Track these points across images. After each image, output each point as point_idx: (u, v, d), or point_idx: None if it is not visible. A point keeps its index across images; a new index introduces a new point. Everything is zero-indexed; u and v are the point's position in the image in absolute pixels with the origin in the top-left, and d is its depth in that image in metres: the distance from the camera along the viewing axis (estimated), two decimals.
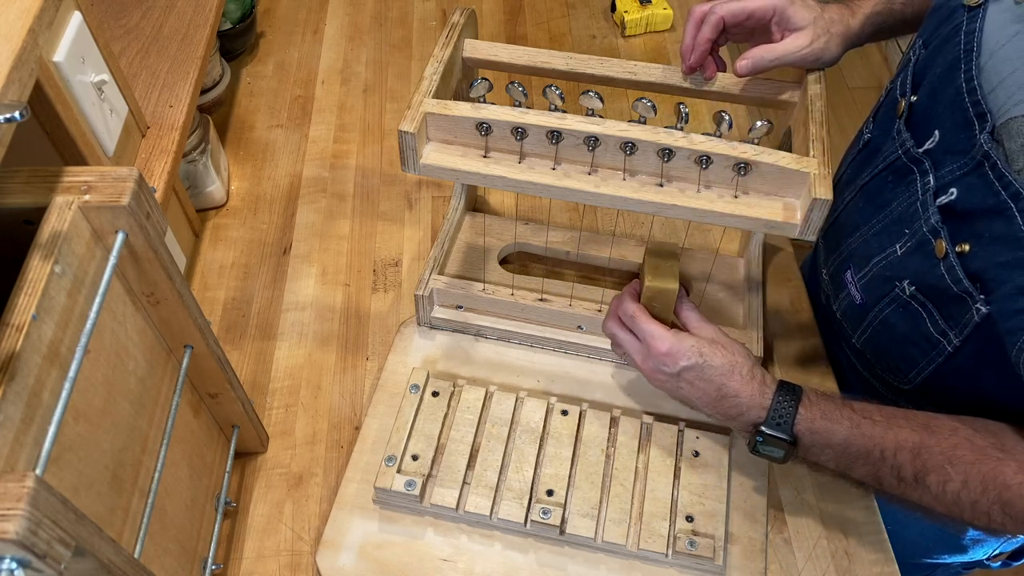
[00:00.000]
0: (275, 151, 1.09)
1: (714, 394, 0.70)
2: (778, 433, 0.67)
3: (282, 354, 0.90)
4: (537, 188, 0.70)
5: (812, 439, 0.68)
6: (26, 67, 0.54)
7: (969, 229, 0.64)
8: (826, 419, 0.67)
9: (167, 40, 0.94)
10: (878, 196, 0.76)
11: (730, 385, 0.70)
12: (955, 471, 0.63)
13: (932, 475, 0.64)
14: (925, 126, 0.70)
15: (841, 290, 0.83)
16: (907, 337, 0.74)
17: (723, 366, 0.70)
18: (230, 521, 0.79)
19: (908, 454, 0.65)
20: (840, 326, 0.84)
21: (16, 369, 0.44)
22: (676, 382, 0.72)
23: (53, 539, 0.38)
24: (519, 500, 0.75)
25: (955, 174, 0.65)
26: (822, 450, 0.68)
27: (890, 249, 0.74)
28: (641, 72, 0.78)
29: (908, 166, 0.72)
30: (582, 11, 1.28)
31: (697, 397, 0.72)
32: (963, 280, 0.64)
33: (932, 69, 0.69)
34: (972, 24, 0.65)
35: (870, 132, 0.81)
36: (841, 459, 0.68)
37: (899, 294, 0.73)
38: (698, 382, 0.71)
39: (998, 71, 0.62)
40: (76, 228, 0.50)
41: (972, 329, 0.66)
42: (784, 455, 0.69)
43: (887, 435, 0.66)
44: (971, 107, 0.63)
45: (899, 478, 0.66)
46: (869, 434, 0.66)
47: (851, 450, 0.67)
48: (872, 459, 0.66)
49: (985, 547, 0.89)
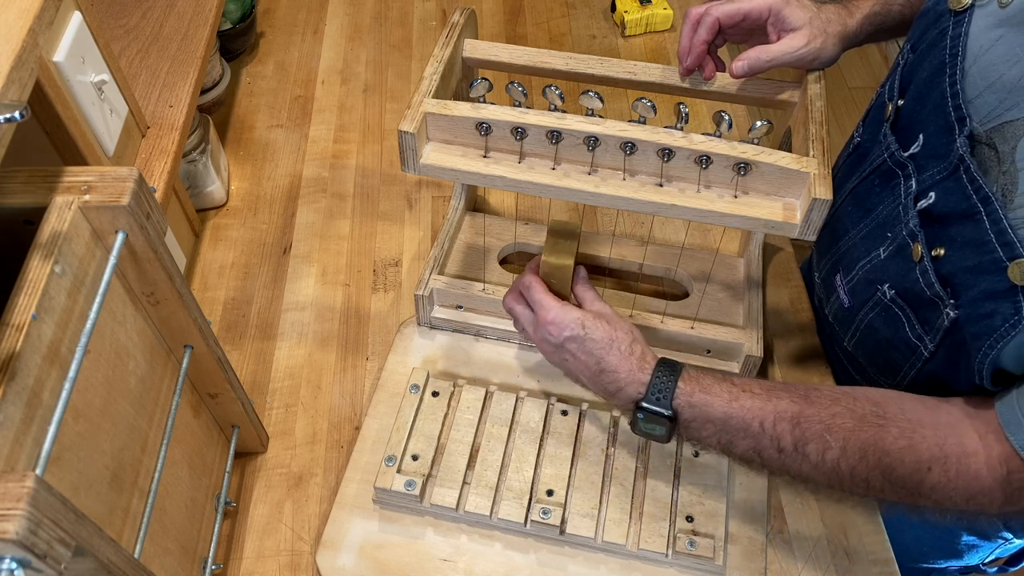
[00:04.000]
0: (275, 151, 1.09)
1: (594, 367, 0.70)
2: (657, 408, 0.67)
3: (282, 354, 0.90)
4: (537, 188, 0.70)
5: (692, 413, 0.67)
6: (26, 67, 0.54)
7: (945, 233, 0.64)
8: (705, 392, 0.67)
9: (167, 40, 0.94)
10: (866, 200, 0.76)
11: (608, 360, 0.70)
12: (834, 439, 0.63)
13: (811, 444, 0.64)
14: (911, 130, 0.70)
15: (831, 293, 0.83)
16: (889, 342, 0.74)
17: (603, 339, 0.70)
18: (230, 521, 0.79)
19: (787, 424, 0.65)
20: (832, 329, 0.84)
21: (16, 369, 0.44)
22: (561, 353, 0.73)
23: (53, 539, 0.38)
24: (519, 500, 0.76)
25: (935, 178, 0.65)
26: (702, 425, 0.67)
27: (874, 253, 0.74)
28: (641, 72, 0.78)
29: (893, 170, 0.72)
30: (582, 11, 1.28)
31: (580, 370, 0.72)
32: (935, 284, 0.64)
33: (919, 73, 0.70)
34: (958, 29, 0.65)
35: (860, 136, 0.81)
36: (722, 434, 0.67)
37: (880, 298, 0.73)
38: (580, 354, 0.71)
39: (984, 75, 0.62)
40: (76, 228, 0.50)
41: (943, 334, 0.66)
42: (665, 432, 0.68)
43: (766, 406, 0.65)
44: (952, 111, 0.64)
45: (779, 449, 0.65)
46: (749, 406, 0.66)
47: (731, 423, 0.66)
48: (752, 432, 0.66)
49: (980, 552, 0.89)
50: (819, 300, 0.88)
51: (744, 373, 0.83)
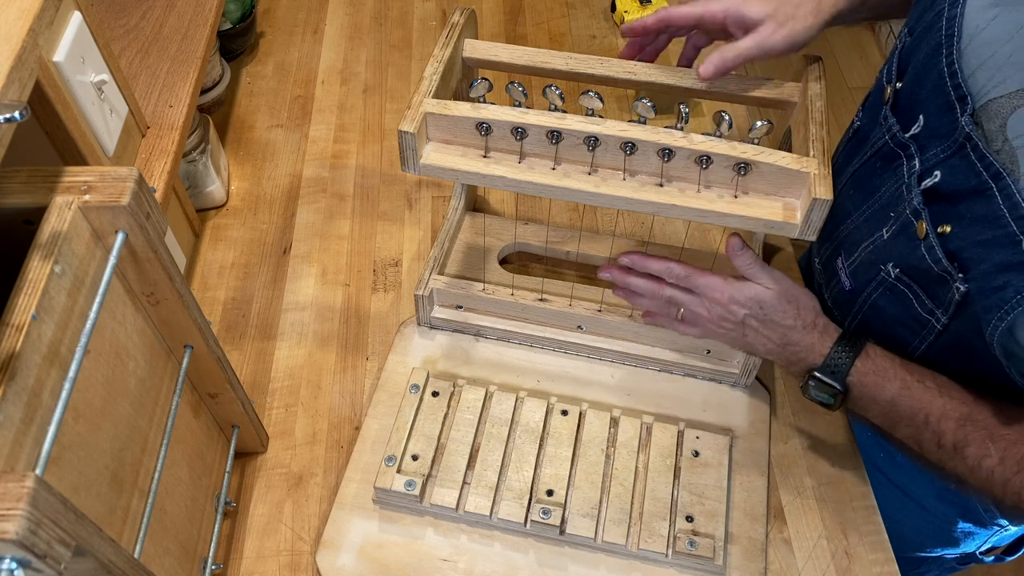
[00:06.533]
0: (275, 151, 1.09)
1: (778, 340, 0.73)
2: (830, 380, 0.70)
3: (282, 354, 0.90)
4: (537, 188, 0.70)
5: (861, 391, 0.70)
6: (26, 67, 0.54)
7: (952, 211, 0.64)
8: (878, 375, 0.70)
9: (167, 40, 0.94)
10: (867, 183, 0.76)
11: (792, 335, 0.72)
12: (995, 447, 0.64)
13: (972, 447, 0.65)
14: (910, 111, 0.70)
15: (832, 278, 0.84)
16: (897, 319, 0.74)
17: (787, 313, 0.72)
18: (230, 521, 0.79)
19: (952, 423, 0.66)
20: (832, 315, 0.85)
21: (16, 369, 0.44)
22: (741, 330, 0.74)
23: (53, 539, 0.38)
24: (519, 500, 0.76)
25: (939, 157, 0.66)
26: (869, 405, 0.71)
27: (877, 234, 0.74)
28: (641, 72, 0.78)
29: (895, 151, 0.72)
30: (582, 11, 1.28)
31: (761, 343, 0.75)
32: (942, 259, 0.65)
33: (916, 55, 0.70)
34: (953, 10, 0.65)
35: (860, 120, 0.81)
36: (887, 417, 0.70)
37: (884, 277, 0.74)
38: (763, 329, 0.73)
39: (978, 54, 0.62)
40: (76, 228, 0.50)
41: (956, 307, 0.67)
42: (835, 402, 0.71)
43: (936, 401, 0.67)
44: (952, 90, 0.64)
45: (939, 445, 0.67)
46: (919, 397, 0.68)
47: (897, 409, 0.69)
48: (916, 422, 0.68)
49: (976, 540, 0.90)
50: (818, 286, 0.89)
51: (744, 374, 0.84)
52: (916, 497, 0.87)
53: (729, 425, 0.83)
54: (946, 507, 0.86)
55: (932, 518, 0.88)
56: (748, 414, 0.84)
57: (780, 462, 0.82)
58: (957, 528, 0.88)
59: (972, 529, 0.88)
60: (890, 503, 0.82)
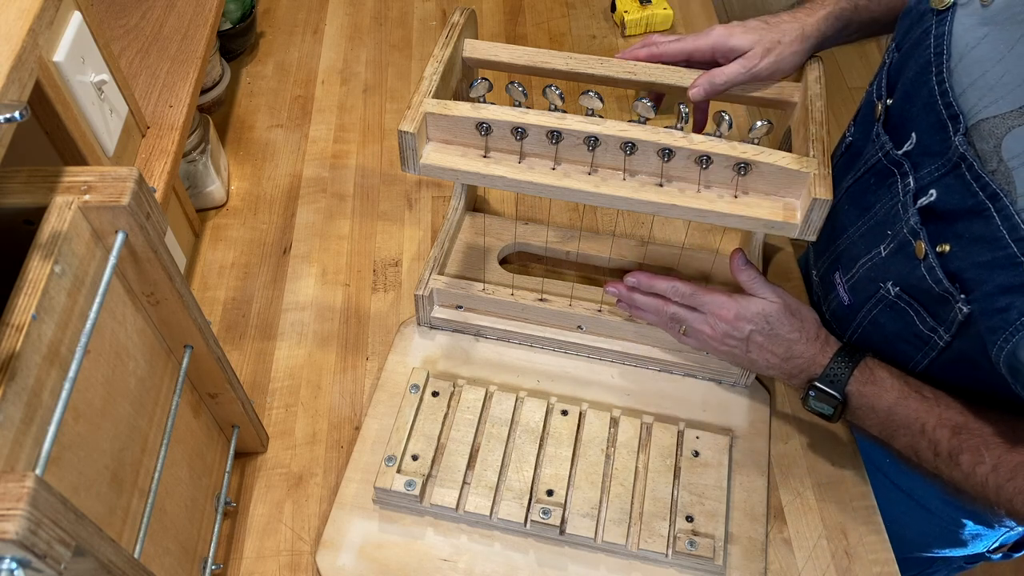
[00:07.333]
0: (275, 151, 1.09)
1: (782, 354, 0.75)
2: (830, 389, 0.72)
3: (282, 354, 0.90)
4: (537, 188, 0.70)
5: (860, 401, 0.71)
6: (26, 67, 0.54)
7: (950, 230, 0.64)
8: (876, 385, 0.71)
9: (167, 40, 0.94)
10: (862, 199, 0.76)
11: (795, 348, 0.74)
12: (989, 455, 0.65)
13: (966, 455, 0.66)
14: (902, 129, 0.70)
15: (830, 291, 0.84)
16: (899, 335, 0.74)
17: (792, 328, 0.74)
18: (230, 521, 0.79)
19: (948, 431, 0.67)
20: (831, 327, 0.85)
21: (16, 369, 0.44)
22: (744, 346, 0.75)
23: (53, 539, 0.38)
24: (519, 500, 0.76)
25: (933, 175, 0.66)
26: (867, 414, 0.72)
27: (875, 251, 0.74)
28: (641, 72, 0.78)
29: (889, 169, 0.72)
30: (582, 11, 1.28)
31: (765, 358, 0.75)
32: (943, 280, 0.65)
33: (905, 72, 0.70)
34: (941, 28, 0.65)
35: (851, 135, 0.81)
36: (885, 427, 0.71)
37: (884, 295, 0.74)
38: (767, 344, 0.74)
39: (969, 72, 0.62)
40: (76, 228, 0.50)
41: (959, 327, 0.67)
42: (834, 413, 0.72)
43: (932, 411, 0.68)
44: (944, 109, 0.64)
45: (935, 453, 0.68)
46: (916, 407, 0.69)
47: (895, 419, 0.70)
48: (913, 431, 0.69)
49: (985, 540, 0.90)
50: (817, 297, 0.89)
51: (744, 374, 0.84)
52: (922, 500, 0.87)
53: (729, 425, 0.83)
54: (952, 510, 0.86)
55: (939, 521, 0.88)
56: (748, 414, 0.84)
57: (780, 462, 0.82)
58: (964, 531, 0.88)
59: (979, 531, 0.88)
60: (896, 506, 0.82)
